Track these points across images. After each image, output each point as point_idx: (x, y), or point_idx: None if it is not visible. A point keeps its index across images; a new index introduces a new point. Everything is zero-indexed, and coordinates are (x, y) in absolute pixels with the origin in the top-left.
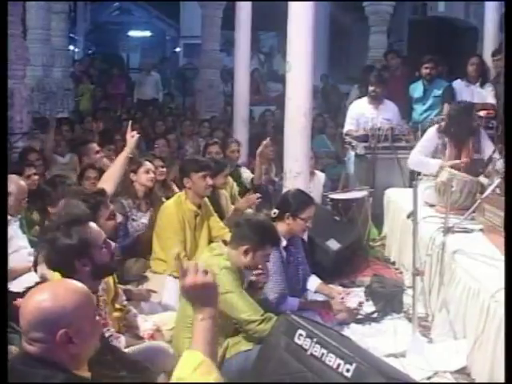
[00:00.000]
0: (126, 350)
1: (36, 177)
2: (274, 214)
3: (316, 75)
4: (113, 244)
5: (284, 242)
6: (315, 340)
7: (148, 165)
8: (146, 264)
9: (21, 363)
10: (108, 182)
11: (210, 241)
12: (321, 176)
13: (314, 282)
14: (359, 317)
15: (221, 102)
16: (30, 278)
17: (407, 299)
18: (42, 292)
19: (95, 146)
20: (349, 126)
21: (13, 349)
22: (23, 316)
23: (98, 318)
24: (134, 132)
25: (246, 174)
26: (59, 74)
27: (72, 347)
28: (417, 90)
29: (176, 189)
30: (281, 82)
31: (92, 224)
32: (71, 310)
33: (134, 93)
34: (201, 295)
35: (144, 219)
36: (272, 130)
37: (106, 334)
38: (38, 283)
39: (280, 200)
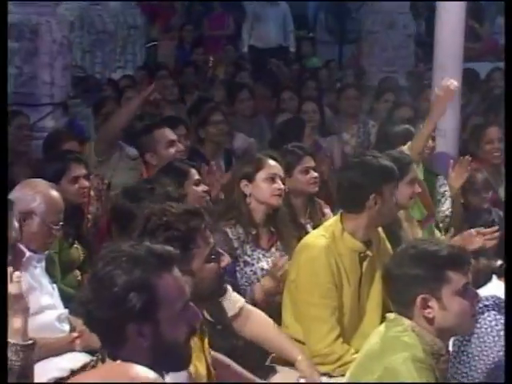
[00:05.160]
0: None
1: (86, 183)
2: (501, 267)
3: None
4: (197, 310)
5: None
6: None
7: (272, 165)
8: None
9: None
10: None
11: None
12: None
13: None
14: None
15: (409, 54)
16: (63, 363)
17: None
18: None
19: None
20: None
21: None
22: None
23: None
24: None
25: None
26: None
27: None
28: None
29: (328, 211)
30: None
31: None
32: None
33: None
34: None
35: (264, 262)
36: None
37: None
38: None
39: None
